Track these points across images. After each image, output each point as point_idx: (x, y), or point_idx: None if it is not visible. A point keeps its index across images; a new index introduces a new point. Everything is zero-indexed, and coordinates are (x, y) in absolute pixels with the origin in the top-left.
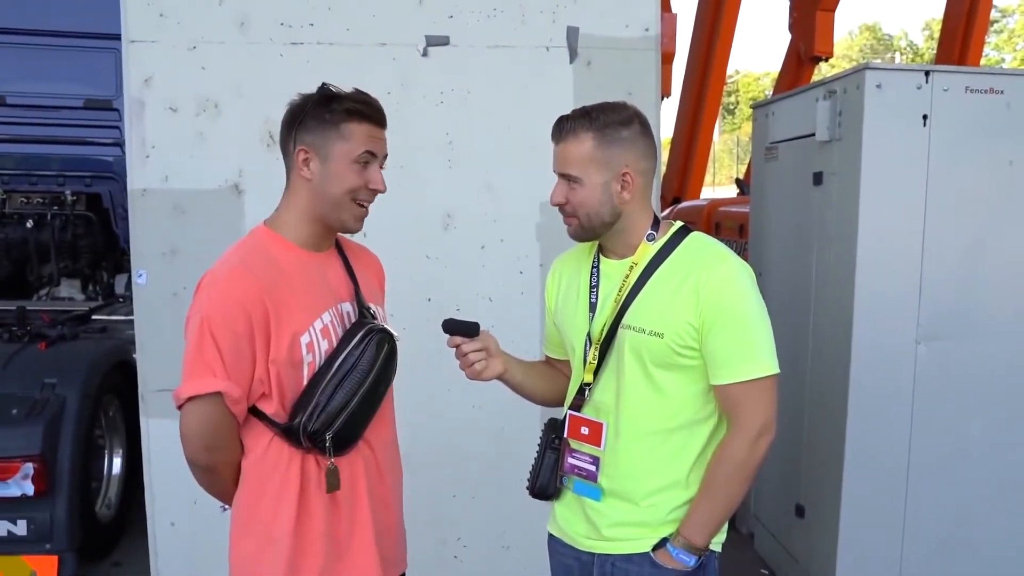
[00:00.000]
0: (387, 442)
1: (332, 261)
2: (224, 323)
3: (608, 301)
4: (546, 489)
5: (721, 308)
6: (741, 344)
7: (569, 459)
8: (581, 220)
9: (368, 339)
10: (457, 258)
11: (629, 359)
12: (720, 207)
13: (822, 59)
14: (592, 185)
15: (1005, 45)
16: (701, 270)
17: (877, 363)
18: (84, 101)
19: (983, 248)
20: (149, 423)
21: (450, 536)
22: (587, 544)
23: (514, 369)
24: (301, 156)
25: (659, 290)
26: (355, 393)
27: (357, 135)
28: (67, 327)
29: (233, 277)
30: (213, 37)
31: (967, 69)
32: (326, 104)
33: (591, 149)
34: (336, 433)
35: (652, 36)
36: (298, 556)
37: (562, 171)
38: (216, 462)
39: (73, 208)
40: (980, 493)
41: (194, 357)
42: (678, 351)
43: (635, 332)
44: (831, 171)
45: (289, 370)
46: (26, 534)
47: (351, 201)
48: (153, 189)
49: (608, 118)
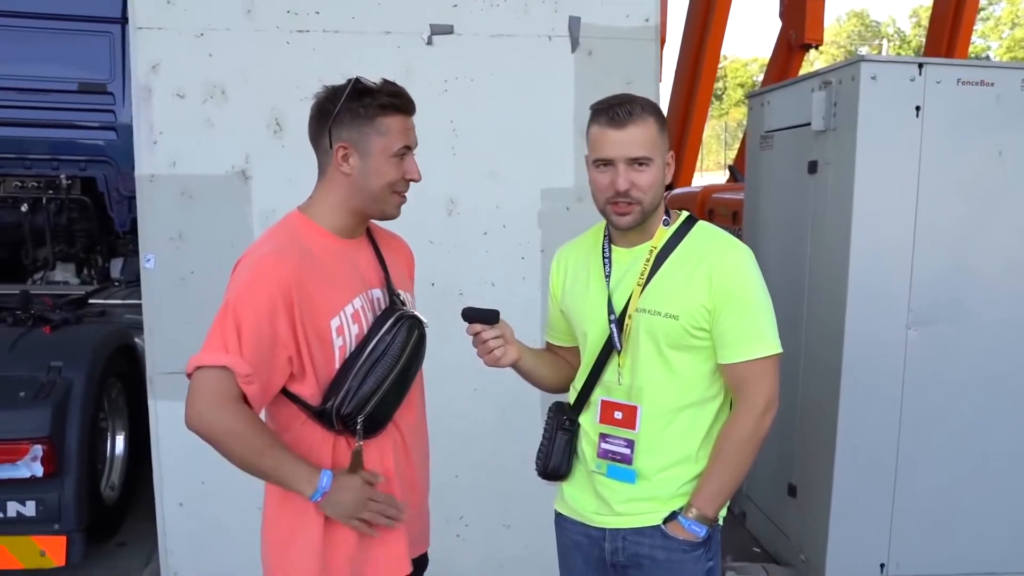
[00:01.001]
0: (414, 426)
1: (363, 248)
2: (249, 306)
3: (623, 286)
4: (558, 470)
5: (732, 292)
6: (749, 326)
7: (603, 444)
8: (644, 205)
9: (399, 324)
10: (460, 244)
11: (644, 341)
12: (713, 193)
13: (812, 46)
14: (659, 167)
15: (991, 33)
16: (713, 256)
17: (869, 347)
18: (78, 84)
19: (973, 236)
20: (157, 405)
21: (453, 516)
22: (598, 520)
23: (526, 356)
24: (340, 153)
25: (673, 274)
26: (386, 377)
27: (393, 129)
28: (69, 311)
29: (264, 263)
30: (220, 24)
31: (959, 62)
32: (359, 99)
33: (657, 131)
34: (368, 416)
35: (652, 26)
36: (330, 533)
37: (631, 155)
38: (215, 423)
39: (68, 192)
40: (968, 474)
41: (214, 333)
42: (692, 332)
43: (650, 315)
44: (826, 160)
45: (320, 353)
46: (35, 515)
47: (391, 193)
48: (161, 175)
49: (657, 107)
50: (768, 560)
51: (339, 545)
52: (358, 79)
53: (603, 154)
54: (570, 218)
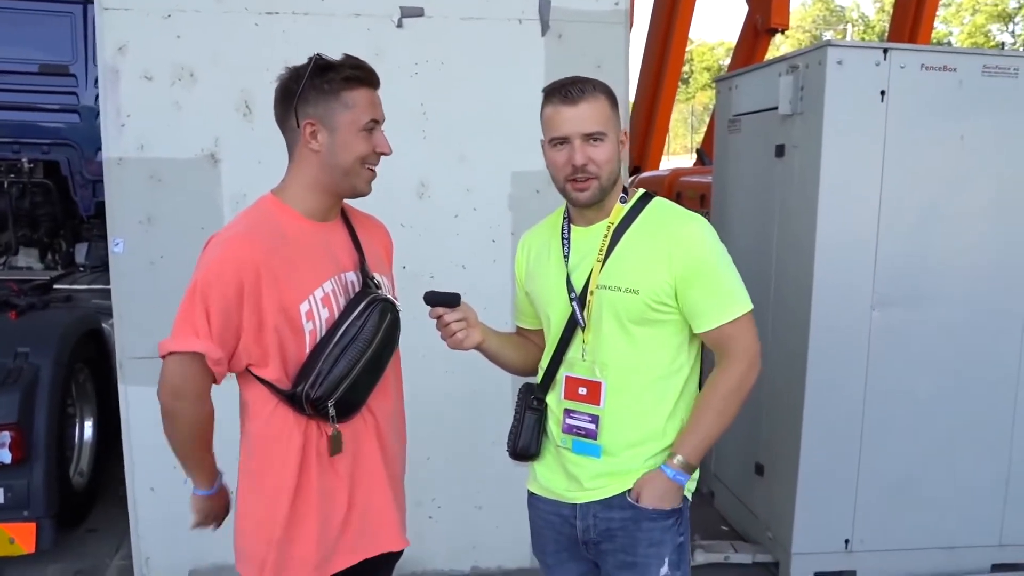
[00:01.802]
0: (390, 412)
1: (337, 230)
2: (216, 287)
3: (583, 265)
4: (528, 449)
5: (694, 264)
6: (717, 291)
7: (567, 420)
8: (602, 180)
9: (371, 308)
10: (431, 227)
11: (607, 317)
12: (681, 176)
13: (778, 30)
14: (613, 143)
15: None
16: (670, 230)
17: (834, 328)
18: (39, 66)
19: (936, 219)
20: (128, 390)
21: (425, 497)
22: (569, 497)
23: (491, 339)
24: (308, 130)
25: (632, 250)
26: (357, 361)
27: (360, 102)
28: (34, 296)
29: (232, 243)
30: (188, 5)
31: (923, 47)
32: (322, 74)
33: (609, 108)
34: (338, 400)
35: (622, 10)
36: (295, 519)
37: (585, 131)
38: (178, 410)
39: (30, 176)
40: (930, 451)
41: (183, 315)
42: (653, 307)
43: (611, 291)
44: (792, 144)
45: (289, 336)
46: (3, 502)
47: (362, 167)
48: (129, 158)
49: (604, 84)
50: (736, 538)
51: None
52: (319, 55)
53: (558, 132)
54: (540, 201)
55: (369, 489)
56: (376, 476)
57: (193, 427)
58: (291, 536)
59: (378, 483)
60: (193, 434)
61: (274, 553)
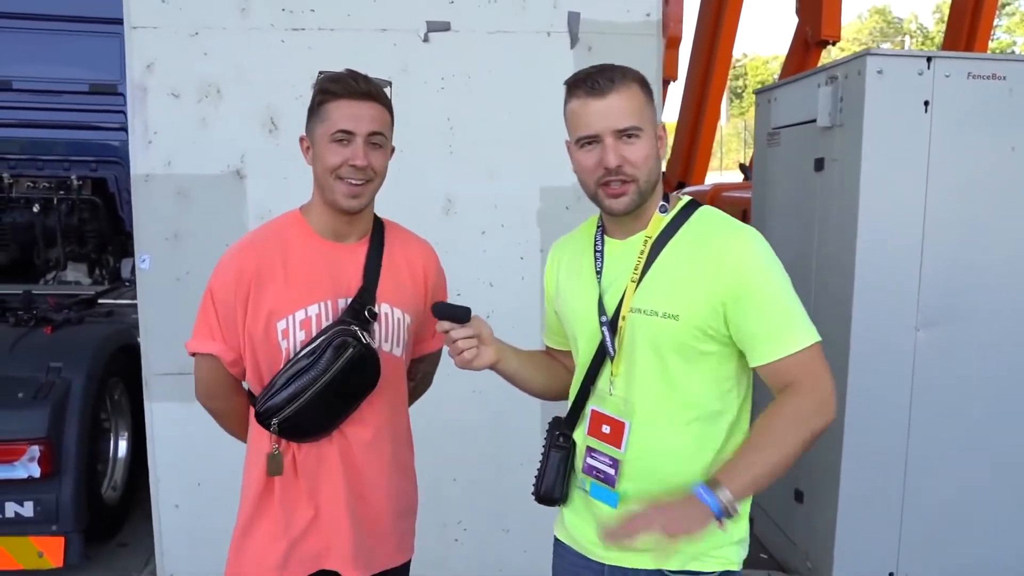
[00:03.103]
0: (368, 443)
1: (354, 253)
2: (220, 292)
3: (617, 283)
4: (552, 493)
5: (747, 283)
6: (778, 315)
7: (588, 459)
8: (640, 183)
9: (328, 341)
10: (458, 243)
11: (641, 346)
12: (723, 192)
13: (829, 43)
14: (649, 138)
15: (1017, 28)
16: (717, 242)
17: (876, 349)
18: (89, 86)
19: (983, 234)
20: (153, 407)
21: (451, 519)
22: (598, 554)
23: (508, 359)
24: (304, 145)
25: (672, 267)
26: (307, 389)
27: (332, 114)
28: (73, 311)
29: (235, 251)
30: (215, 23)
31: (969, 55)
32: (315, 93)
33: (643, 99)
34: (284, 420)
35: (653, 21)
36: (255, 519)
37: (618, 126)
38: (216, 408)
39: (79, 192)
40: (978, 479)
41: (200, 319)
42: (696, 335)
43: (647, 316)
44: (832, 157)
45: (266, 349)
46: (33, 515)
47: (335, 179)
48: (156, 174)
49: (636, 71)
50: (775, 567)
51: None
52: (321, 72)
53: (587, 130)
54: (569, 217)
55: (331, 509)
56: (336, 502)
57: (241, 420)
58: (251, 533)
59: (339, 509)
60: (243, 426)
61: (236, 545)
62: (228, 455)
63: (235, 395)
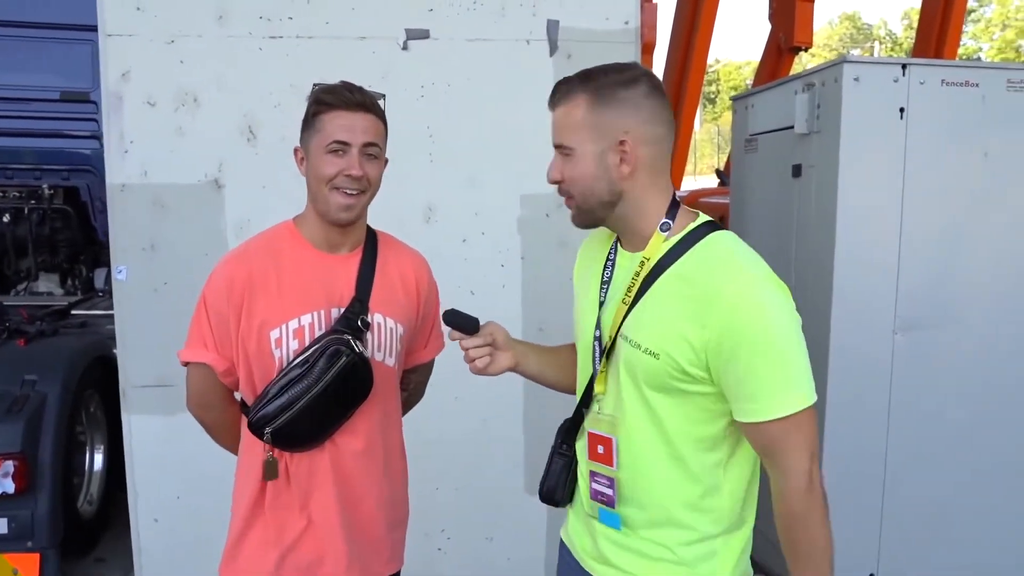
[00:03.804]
0: (360, 452)
1: (347, 264)
2: (213, 301)
3: (616, 299)
4: (553, 494)
5: (736, 333)
6: (766, 375)
7: (593, 485)
8: (577, 199)
9: (322, 350)
10: (439, 251)
11: (624, 374)
12: (701, 198)
13: (802, 49)
14: (585, 155)
15: (983, 34)
16: (712, 281)
17: (855, 353)
18: (60, 93)
19: (959, 238)
20: (131, 419)
21: (434, 529)
22: (589, 564)
23: (529, 360)
24: (298, 156)
25: (662, 300)
26: (299, 398)
27: (327, 125)
28: (46, 323)
29: (229, 260)
30: (191, 31)
31: (943, 62)
32: (309, 104)
33: (584, 112)
34: (276, 430)
35: (632, 29)
36: (248, 526)
37: (556, 142)
38: (209, 420)
39: (51, 202)
40: (957, 480)
41: (193, 327)
42: (676, 376)
43: (631, 346)
44: (810, 163)
45: (259, 359)
46: (7, 532)
47: (330, 189)
48: (132, 184)
49: (607, 78)
50: (758, 571)
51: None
52: (316, 85)
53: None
54: (550, 224)
55: (324, 518)
56: (328, 508)
57: (233, 432)
58: (243, 542)
59: (330, 515)
60: (236, 438)
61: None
62: (208, 468)
63: (228, 405)
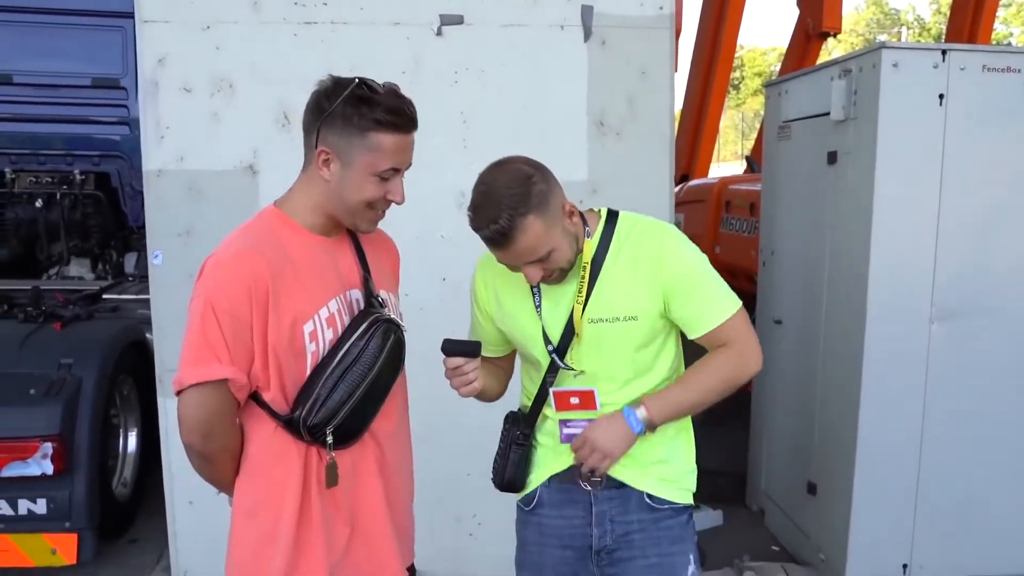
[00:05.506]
0: (391, 433)
1: (343, 246)
2: (228, 307)
3: (560, 309)
4: (514, 482)
5: (681, 278)
6: (706, 297)
7: (564, 430)
8: (564, 268)
9: (373, 329)
10: (472, 238)
11: (609, 345)
12: (730, 185)
13: (830, 34)
14: (558, 243)
15: (1014, 19)
16: (649, 250)
17: (891, 342)
18: (91, 80)
19: (997, 227)
20: (167, 403)
21: (465, 514)
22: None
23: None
24: (321, 157)
25: (616, 279)
26: (358, 386)
27: (384, 148)
28: (81, 307)
29: (239, 259)
30: (227, 17)
31: (984, 48)
32: (357, 106)
33: (539, 224)
34: (337, 427)
35: (667, 14)
36: (298, 554)
37: (531, 259)
38: (213, 450)
39: (82, 187)
40: (994, 472)
41: (198, 342)
42: (654, 326)
43: (609, 323)
44: (846, 150)
45: (290, 359)
46: (45, 512)
47: (367, 209)
48: (168, 170)
49: (521, 189)
50: (787, 559)
51: (307, 563)
52: (362, 82)
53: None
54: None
55: (371, 516)
56: (375, 503)
57: (235, 459)
58: (296, 564)
59: (378, 510)
60: (236, 468)
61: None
62: None
63: (233, 428)
